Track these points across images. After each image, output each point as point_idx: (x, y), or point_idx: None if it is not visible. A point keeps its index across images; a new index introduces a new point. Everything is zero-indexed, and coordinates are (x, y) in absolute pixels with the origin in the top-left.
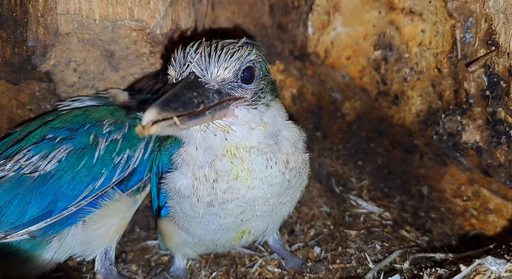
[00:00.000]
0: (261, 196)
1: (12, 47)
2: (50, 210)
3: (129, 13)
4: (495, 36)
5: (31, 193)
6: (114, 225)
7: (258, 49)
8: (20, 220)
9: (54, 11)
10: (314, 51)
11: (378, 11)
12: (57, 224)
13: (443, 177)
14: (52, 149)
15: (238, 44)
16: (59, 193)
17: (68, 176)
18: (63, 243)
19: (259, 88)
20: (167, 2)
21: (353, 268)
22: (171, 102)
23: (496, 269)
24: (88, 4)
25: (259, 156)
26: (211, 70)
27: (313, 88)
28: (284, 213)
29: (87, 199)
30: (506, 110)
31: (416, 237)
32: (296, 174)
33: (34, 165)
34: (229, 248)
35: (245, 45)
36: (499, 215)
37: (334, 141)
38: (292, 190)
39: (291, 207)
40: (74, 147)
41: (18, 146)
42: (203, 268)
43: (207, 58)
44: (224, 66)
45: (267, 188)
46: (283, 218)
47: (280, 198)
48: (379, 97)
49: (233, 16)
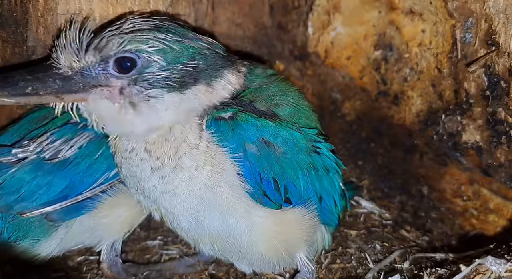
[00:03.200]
0: (143, 176)
1: (12, 47)
2: (65, 194)
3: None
4: (495, 36)
5: (50, 177)
6: (121, 215)
7: (158, 34)
8: (37, 201)
9: (55, 11)
10: (314, 51)
11: (378, 11)
12: (72, 209)
13: (443, 177)
14: (74, 135)
15: (122, 30)
16: (76, 179)
17: (86, 164)
18: (69, 230)
19: (143, 79)
20: (167, 2)
21: (353, 268)
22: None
23: (496, 269)
24: (88, 4)
25: (124, 142)
26: (63, 57)
27: (313, 88)
28: (208, 225)
29: (102, 186)
30: (506, 110)
31: (416, 237)
32: (176, 171)
33: (55, 150)
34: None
35: (136, 32)
36: (499, 215)
37: (334, 141)
38: (184, 191)
39: (213, 221)
40: (95, 135)
41: (43, 128)
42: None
43: (66, 45)
44: (81, 55)
45: (143, 171)
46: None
47: (167, 187)
48: (379, 97)
49: (233, 16)
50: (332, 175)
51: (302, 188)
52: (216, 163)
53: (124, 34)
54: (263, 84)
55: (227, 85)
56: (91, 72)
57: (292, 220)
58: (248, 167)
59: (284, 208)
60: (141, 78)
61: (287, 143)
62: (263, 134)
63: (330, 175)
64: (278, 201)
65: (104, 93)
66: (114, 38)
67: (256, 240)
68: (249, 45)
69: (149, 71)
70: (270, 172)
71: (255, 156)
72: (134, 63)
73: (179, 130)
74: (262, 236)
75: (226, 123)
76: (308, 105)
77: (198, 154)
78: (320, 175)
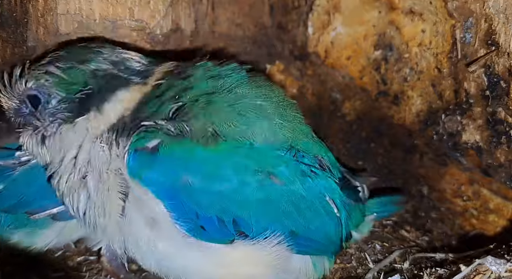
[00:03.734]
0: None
1: (12, 47)
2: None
3: (129, 13)
4: (495, 36)
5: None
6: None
7: (51, 71)
8: (43, 202)
9: (54, 11)
10: (314, 51)
11: (378, 11)
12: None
13: (443, 177)
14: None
15: (34, 67)
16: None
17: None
18: (68, 223)
19: (49, 113)
20: (167, 2)
21: (353, 268)
22: None
23: (496, 269)
24: (88, 4)
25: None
26: (4, 102)
27: (313, 88)
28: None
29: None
30: (506, 110)
31: (416, 237)
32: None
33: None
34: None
35: (39, 67)
36: (499, 215)
37: (334, 141)
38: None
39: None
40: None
41: None
42: None
43: (3, 90)
44: (6, 98)
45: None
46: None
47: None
48: (379, 97)
49: (233, 16)
50: (320, 197)
51: (254, 222)
52: (135, 198)
53: (32, 71)
54: (213, 91)
55: (117, 108)
56: (20, 112)
57: (244, 257)
58: (178, 205)
59: (236, 242)
60: (46, 113)
61: (226, 173)
62: (191, 167)
63: (315, 199)
64: (225, 236)
65: (28, 130)
66: (23, 77)
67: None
68: (249, 45)
69: (51, 104)
70: (209, 208)
71: (185, 192)
72: (39, 99)
73: (87, 160)
74: (207, 275)
75: (148, 155)
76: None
77: (111, 184)
78: (294, 202)
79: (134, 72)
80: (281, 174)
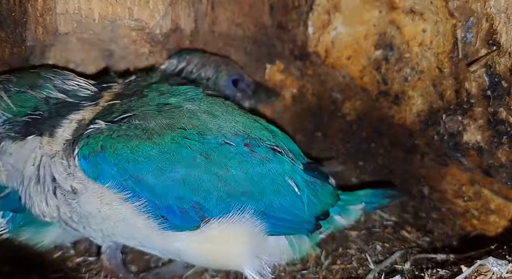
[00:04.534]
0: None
1: (11, 47)
2: None
3: (128, 12)
4: (496, 36)
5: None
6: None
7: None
8: None
9: (53, 10)
10: (315, 50)
11: (378, 11)
12: None
13: (444, 178)
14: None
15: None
16: None
17: None
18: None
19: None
20: (167, 1)
21: (354, 269)
22: None
23: (497, 270)
24: (88, 3)
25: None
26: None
27: (314, 88)
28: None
29: None
30: (507, 110)
31: (417, 237)
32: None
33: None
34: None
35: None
36: (500, 215)
37: (334, 141)
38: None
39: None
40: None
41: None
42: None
43: None
44: None
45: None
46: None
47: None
48: (380, 97)
49: (233, 15)
50: (277, 177)
51: (215, 203)
52: (102, 201)
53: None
54: (163, 105)
55: (69, 128)
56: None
57: (215, 238)
58: (135, 198)
59: (203, 227)
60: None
61: (175, 162)
62: (140, 160)
63: (272, 179)
64: (189, 223)
65: None
66: None
67: (192, 261)
68: (249, 45)
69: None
70: (166, 196)
71: (139, 184)
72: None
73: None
74: (192, 258)
75: (96, 157)
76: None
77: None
78: (250, 183)
79: (84, 98)
80: (231, 159)
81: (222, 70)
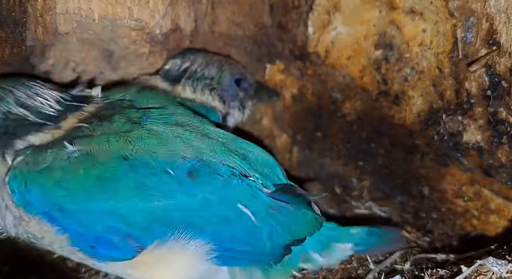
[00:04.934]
0: None
1: (11, 47)
2: None
3: (128, 12)
4: (496, 36)
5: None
6: None
7: None
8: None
9: (53, 10)
10: (315, 50)
11: (378, 11)
12: None
13: (444, 178)
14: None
15: None
16: None
17: None
18: None
19: None
20: (167, 1)
21: (354, 269)
22: None
23: (497, 270)
24: (87, 3)
25: None
26: None
27: (314, 88)
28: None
29: None
30: (508, 110)
31: (417, 237)
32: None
33: None
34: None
35: None
36: (500, 215)
37: (335, 141)
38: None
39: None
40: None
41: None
42: None
43: None
44: None
45: None
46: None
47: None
48: (380, 97)
49: (233, 15)
50: (227, 204)
51: (149, 234)
52: (42, 228)
53: None
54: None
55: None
56: None
57: (152, 267)
58: (61, 229)
59: (138, 256)
60: None
61: (101, 189)
62: (58, 191)
63: (220, 206)
64: (123, 253)
65: None
66: None
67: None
68: (249, 45)
69: None
70: (91, 228)
71: (64, 216)
72: None
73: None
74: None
75: (21, 188)
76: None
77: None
78: (190, 207)
79: (48, 117)
80: (166, 188)
81: (225, 69)
